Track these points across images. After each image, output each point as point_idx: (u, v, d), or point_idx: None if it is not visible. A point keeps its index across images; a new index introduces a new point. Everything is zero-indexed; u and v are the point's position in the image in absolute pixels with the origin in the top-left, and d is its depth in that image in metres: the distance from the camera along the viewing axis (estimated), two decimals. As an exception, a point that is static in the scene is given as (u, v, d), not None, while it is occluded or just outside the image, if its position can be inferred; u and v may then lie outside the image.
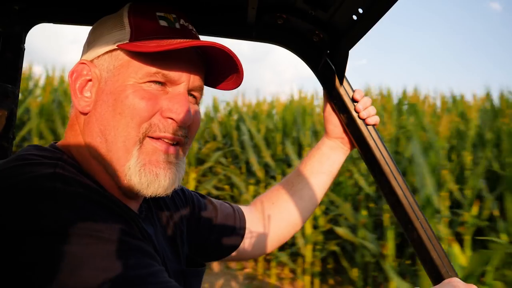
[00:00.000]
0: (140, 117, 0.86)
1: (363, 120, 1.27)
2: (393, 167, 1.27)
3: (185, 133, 0.92)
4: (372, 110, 1.26)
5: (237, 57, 0.88)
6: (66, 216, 0.69)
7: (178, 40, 0.86)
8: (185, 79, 0.90)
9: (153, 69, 0.87)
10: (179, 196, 1.14)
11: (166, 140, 0.89)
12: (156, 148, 0.88)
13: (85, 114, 0.90)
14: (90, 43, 0.94)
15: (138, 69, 0.87)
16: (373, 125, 1.28)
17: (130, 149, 0.86)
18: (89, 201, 0.75)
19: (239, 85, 0.98)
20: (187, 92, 0.91)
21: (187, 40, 0.87)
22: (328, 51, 1.25)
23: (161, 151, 0.89)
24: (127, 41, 0.87)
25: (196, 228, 1.16)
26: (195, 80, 0.93)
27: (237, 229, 1.24)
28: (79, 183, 0.78)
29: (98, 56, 0.90)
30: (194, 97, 0.96)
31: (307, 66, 1.32)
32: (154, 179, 0.87)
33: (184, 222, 1.11)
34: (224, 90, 1.00)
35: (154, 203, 1.05)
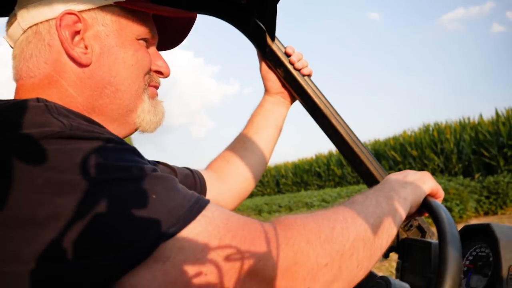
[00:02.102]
0: (147, 68, 0.98)
1: (299, 71, 1.36)
2: (332, 110, 1.38)
3: None
4: (305, 62, 1.37)
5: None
6: (67, 123, 0.71)
7: (169, 8, 0.99)
8: (157, 37, 1.04)
9: (146, 28, 0.98)
10: None
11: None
12: (154, 92, 1.03)
13: (83, 66, 0.89)
14: None
15: (135, 27, 0.95)
16: (308, 76, 1.38)
17: (141, 95, 0.97)
18: (79, 115, 0.77)
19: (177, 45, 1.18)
20: None
21: (177, 9, 1.01)
22: (257, 11, 1.33)
23: (156, 94, 1.05)
24: None
25: None
26: None
27: (198, 188, 1.27)
28: (61, 106, 0.79)
29: (89, 9, 0.89)
30: None
31: (239, 31, 1.39)
32: (162, 116, 1.03)
33: None
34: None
35: None
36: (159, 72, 1.04)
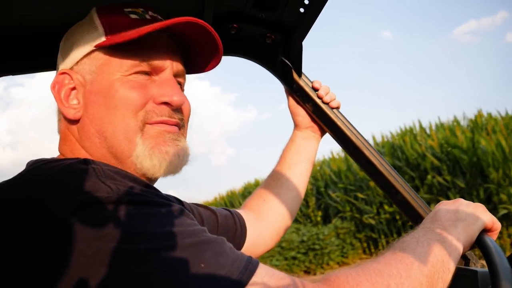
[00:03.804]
0: (134, 106, 0.88)
1: (327, 104, 1.37)
2: (364, 141, 1.37)
3: (181, 116, 0.95)
4: (333, 94, 1.37)
5: (213, 30, 0.92)
6: (114, 188, 0.71)
7: (153, 25, 0.87)
8: (169, 65, 0.94)
9: (136, 60, 0.90)
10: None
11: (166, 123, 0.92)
12: (159, 130, 0.90)
13: (77, 121, 0.91)
14: (64, 53, 0.96)
15: (121, 63, 0.89)
16: (337, 108, 1.39)
17: (133, 139, 0.88)
18: (125, 176, 0.77)
19: (220, 60, 1.03)
20: (173, 77, 0.95)
21: (161, 23, 0.88)
22: (283, 49, 1.36)
23: (165, 131, 0.91)
24: (104, 40, 0.90)
25: None
26: (177, 65, 0.96)
27: (239, 230, 1.28)
28: (108, 165, 0.80)
29: (77, 62, 0.92)
30: (179, 83, 0.99)
31: (265, 69, 1.41)
32: (165, 158, 0.89)
33: None
34: (205, 71, 1.06)
35: None
36: (165, 103, 0.91)
